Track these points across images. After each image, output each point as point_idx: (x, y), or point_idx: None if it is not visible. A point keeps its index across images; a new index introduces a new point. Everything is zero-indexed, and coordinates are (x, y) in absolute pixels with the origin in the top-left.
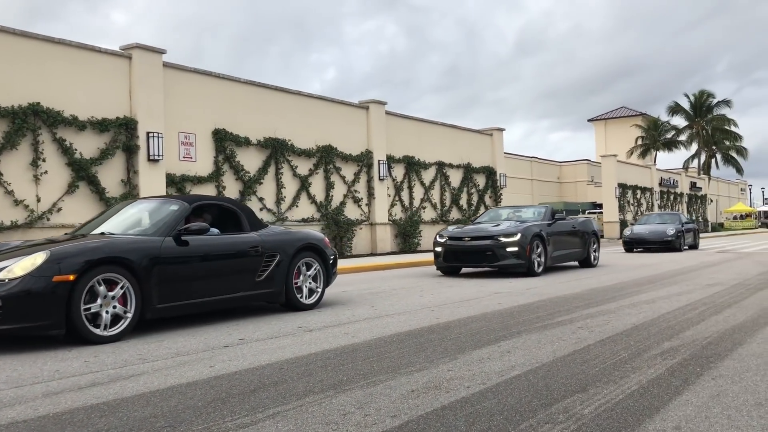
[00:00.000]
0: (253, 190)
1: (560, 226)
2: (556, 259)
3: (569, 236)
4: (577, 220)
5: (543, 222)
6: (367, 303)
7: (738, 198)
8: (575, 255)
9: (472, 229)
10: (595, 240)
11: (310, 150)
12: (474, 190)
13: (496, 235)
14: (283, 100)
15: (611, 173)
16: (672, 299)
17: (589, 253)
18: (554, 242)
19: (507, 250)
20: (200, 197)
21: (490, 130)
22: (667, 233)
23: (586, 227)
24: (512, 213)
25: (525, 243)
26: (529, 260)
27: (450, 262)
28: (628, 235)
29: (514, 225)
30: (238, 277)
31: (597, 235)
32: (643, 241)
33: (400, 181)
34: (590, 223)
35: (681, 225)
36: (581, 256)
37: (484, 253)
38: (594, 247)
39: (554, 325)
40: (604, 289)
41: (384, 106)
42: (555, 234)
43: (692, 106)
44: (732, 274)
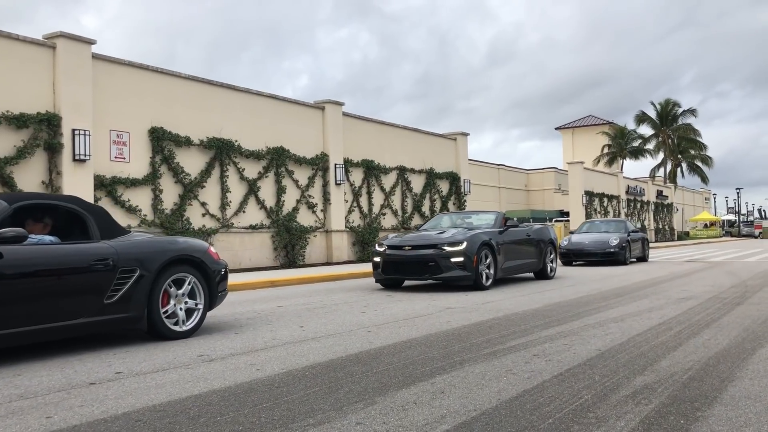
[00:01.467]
0: (194, 194)
1: (513, 234)
2: (508, 270)
3: (523, 245)
4: (531, 227)
5: (493, 229)
6: (297, 322)
7: (703, 207)
8: (529, 266)
9: (413, 237)
10: (552, 249)
11: (260, 152)
12: (437, 197)
13: (440, 244)
14: (229, 98)
15: (578, 181)
16: (643, 317)
17: (545, 264)
18: (505, 252)
19: (452, 260)
20: (26, 195)
21: (454, 135)
22: (610, 243)
23: (541, 235)
24: (461, 219)
25: (472, 253)
26: (477, 272)
27: (389, 274)
28: (566, 246)
29: (460, 233)
30: (79, 298)
31: (554, 243)
32: (582, 252)
33: (358, 186)
34: (546, 231)
35: (627, 234)
36: (536, 267)
37: (427, 264)
38: (551, 257)
39: (506, 351)
40: (567, 304)
41: (341, 107)
42: (507, 243)
43: (658, 115)
44: (704, 286)
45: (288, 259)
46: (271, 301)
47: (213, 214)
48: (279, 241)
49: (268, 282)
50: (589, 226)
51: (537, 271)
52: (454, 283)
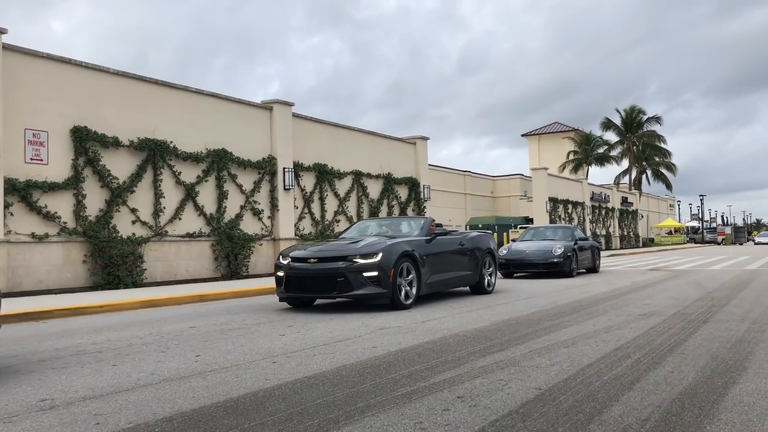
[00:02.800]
0: (123, 200)
1: (442, 243)
2: (436, 285)
3: (455, 256)
4: (466, 235)
5: (418, 238)
6: (197, 349)
7: (667, 213)
8: (463, 279)
9: (321, 247)
10: (491, 260)
11: (198, 154)
12: (395, 203)
13: (351, 256)
14: (165, 96)
15: (542, 187)
16: (598, 339)
17: (481, 277)
18: (432, 264)
19: (364, 275)
20: None
21: (413, 139)
22: (554, 253)
23: (477, 244)
24: (386, 226)
25: (388, 265)
26: (394, 288)
27: (293, 291)
28: (505, 255)
29: (377, 242)
30: None
31: (494, 254)
32: (522, 263)
33: (310, 191)
34: (484, 240)
35: (573, 242)
36: (471, 280)
37: (334, 279)
38: (490, 269)
39: (426, 391)
40: (516, 323)
41: (291, 107)
42: (434, 253)
43: (623, 122)
44: (668, 298)
45: (230, 270)
46: (187, 320)
47: (145, 221)
48: (220, 251)
49: (196, 296)
50: (534, 233)
51: (473, 285)
52: (368, 302)
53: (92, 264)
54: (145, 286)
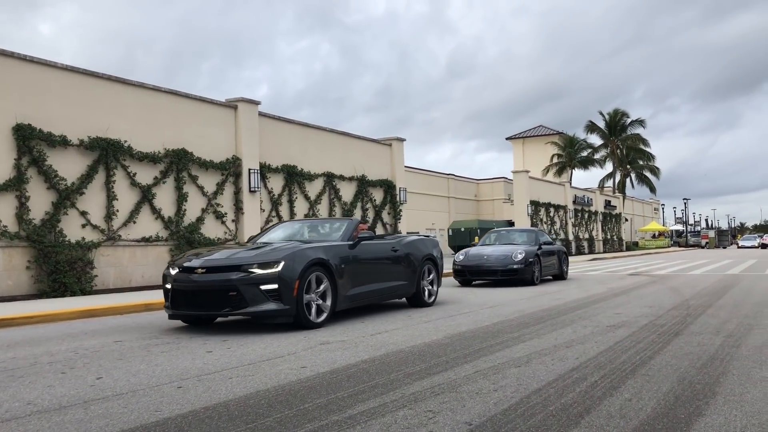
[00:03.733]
0: (71, 202)
1: (368, 248)
2: (359, 298)
3: (385, 263)
4: (401, 240)
5: (338, 243)
6: (103, 369)
7: (652, 217)
8: (396, 290)
9: (213, 256)
10: (433, 268)
11: (156, 154)
12: (370, 205)
13: (246, 265)
14: (119, 93)
15: (523, 190)
16: (556, 356)
17: (419, 288)
18: (355, 273)
19: (261, 288)
20: None
21: (389, 140)
22: (514, 258)
23: (414, 250)
24: (310, 228)
25: (291, 276)
26: (299, 303)
27: (179, 307)
28: (461, 261)
29: (280, 248)
30: None
31: (436, 261)
32: (480, 269)
33: (278, 193)
34: (424, 245)
35: (537, 247)
36: (407, 291)
37: (225, 293)
38: (430, 278)
39: (334, 427)
40: (473, 335)
41: (257, 106)
42: (357, 261)
43: (607, 125)
44: (642, 307)
45: None
46: (118, 333)
47: (96, 224)
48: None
49: (142, 305)
50: (496, 236)
51: (409, 297)
52: (267, 321)
53: (37, 270)
54: (96, 293)
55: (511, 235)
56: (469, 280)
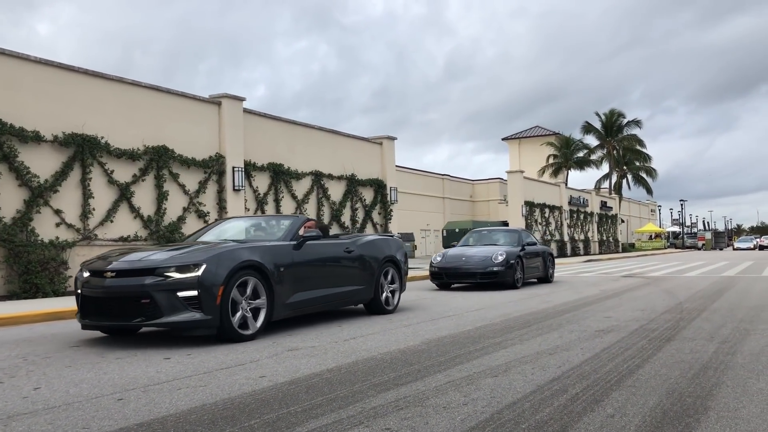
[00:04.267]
0: (45, 200)
1: (317, 249)
2: (303, 305)
3: (337, 266)
4: (357, 240)
5: (278, 243)
6: (50, 376)
7: (648, 218)
8: (349, 296)
9: (127, 257)
10: (395, 271)
11: (135, 151)
12: (359, 205)
13: (162, 267)
14: (96, 88)
15: (518, 190)
16: (537, 364)
17: (378, 293)
18: (298, 277)
19: (179, 294)
20: None
21: (380, 139)
22: (494, 260)
23: (373, 251)
24: (255, 226)
25: (214, 281)
26: (223, 313)
27: (89, 316)
28: (438, 263)
29: (204, 248)
30: None
31: (398, 263)
32: (458, 272)
33: (264, 192)
34: (384, 245)
35: (520, 248)
36: (363, 296)
37: (137, 300)
38: (391, 282)
39: None
40: (452, 341)
41: (241, 102)
42: (303, 263)
43: (604, 126)
44: (633, 310)
45: None
46: (76, 337)
47: (71, 223)
48: None
49: None
50: (478, 236)
51: (367, 303)
52: (185, 333)
53: (7, 271)
54: (70, 294)
55: (493, 236)
56: (447, 283)
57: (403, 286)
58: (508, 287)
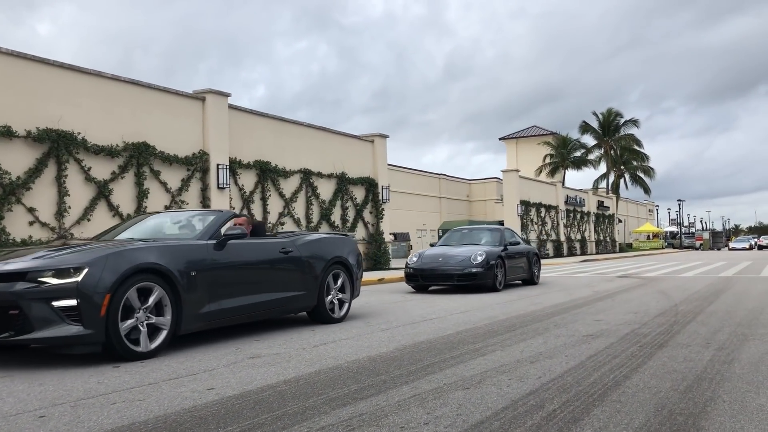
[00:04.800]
0: (17, 198)
1: (241, 249)
2: (221, 315)
3: (269, 269)
4: (297, 239)
5: (191, 242)
6: None
7: (646, 218)
8: (286, 303)
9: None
10: (344, 274)
11: (114, 147)
12: (350, 204)
13: (34, 271)
14: (73, 82)
15: (513, 189)
16: (516, 374)
17: (322, 299)
18: (216, 282)
19: (54, 304)
20: None
21: (371, 137)
22: (473, 261)
23: (317, 251)
24: (175, 223)
25: (98, 288)
26: (110, 326)
27: None
28: (414, 264)
29: (87, 249)
30: None
31: (349, 265)
32: (434, 273)
33: (250, 191)
34: (332, 245)
35: (502, 247)
36: (304, 303)
37: (5, 312)
38: (339, 287)
39: None
40: (429, 347)
41: (226, 98)
42: (223, 266)
43: (601, 125)
44: (626, 313)
45: None
46: None
47: (45, 222)
48: None
49: None
50: (459, 236)
51: (310, 311)
52: (64, 351)
53: None
54: None
55: (474, 234)
56: (423, 285)
57: (356, 291)
58: (488, 289)
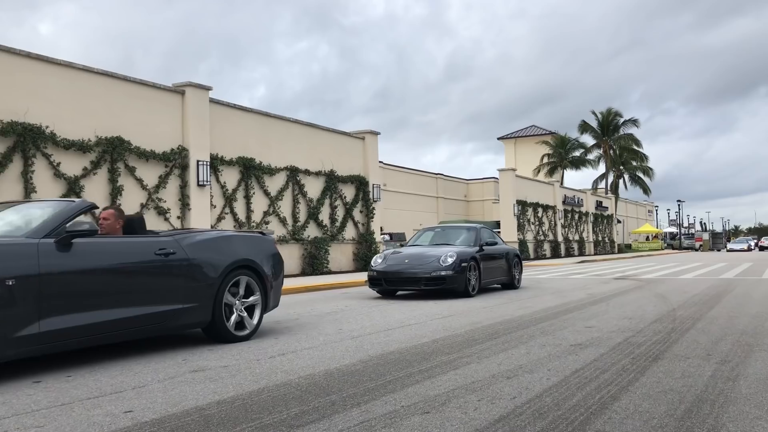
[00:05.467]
0: None
1: (98, 251)
2: (60, 337)
3: (139, 276)
4: (184, 239)
5: (20, 240)
6: None
7: (646, 219)
8: (165, 319)
9: None
10: (256, 281)
11: (85, 142)
12: (339, 203)
13: None
14: (42, 73)
15: (509, 189)
16: (487, 392)
17: (218, 315)
18: (50, 294)
19: None
20: None
21: (362, 134)
22: (442, 263)
23: (210, 254)
24: (22, 216)
25: None
26: None
27: None
28: (378, 266)
29: None
30: None
31: (259, 270)
32: (399, 276)
33: (233, 188)
34: (233, 245)
35: (477, 248)
36: (194, 318)
37: None
38: (243, 297)
39: None
40: (398, 359)
41: (207, 92)
42: (64, 273)
43: (600, 125)
44: (620, 318)
45: None
46: None
47: None
48: None
49: None
50: (430, 235)
51: (205, 327)
52: None
53: None
54: None
55: (448, 234)
56: (388, 290)
57: (270, 301)
58: (460, 294)
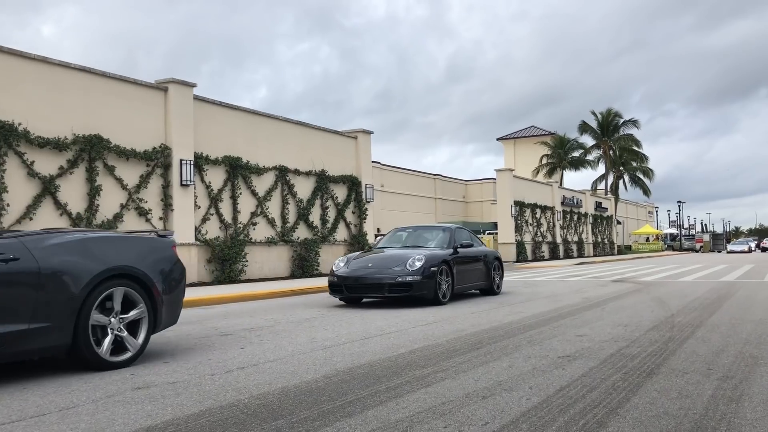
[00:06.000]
0: None
1: None
2: None
3: None
4: (36, 242)
5: None
6: None
7: (646, 220)
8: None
9: None
10: (140, 292)
11: (62, 140)
12: (331, 203)
13: None
14: (15, 68)
15: (507, 189)
16: (454, 419)
17: (83, 336)
18: None
19: None
20: None
21: (354, 133)
22: (409, 267)
23: (72, 261)
24: None
25: None
26: None
27: None
28: (340, 271)
29: None
30: None
31: (144, 280)
32: (360, 283)
33: (218, 188)
34: (100, 249)
35: (450, 250)
36: (48, 342)
37: None
38: (120, 308)
39: None
40: (367, 372)
41: (192, 89)
42: None
43: (600, 125)
44: (614, 325)
45: None
46: None
47: None
48: None
49: None
50: (400, 237)
51: (67, 351)
52: None
53: None
54: None
55: (420, 235)
56: (350, 298)
57: (161, 317)
58: (430, 302)
